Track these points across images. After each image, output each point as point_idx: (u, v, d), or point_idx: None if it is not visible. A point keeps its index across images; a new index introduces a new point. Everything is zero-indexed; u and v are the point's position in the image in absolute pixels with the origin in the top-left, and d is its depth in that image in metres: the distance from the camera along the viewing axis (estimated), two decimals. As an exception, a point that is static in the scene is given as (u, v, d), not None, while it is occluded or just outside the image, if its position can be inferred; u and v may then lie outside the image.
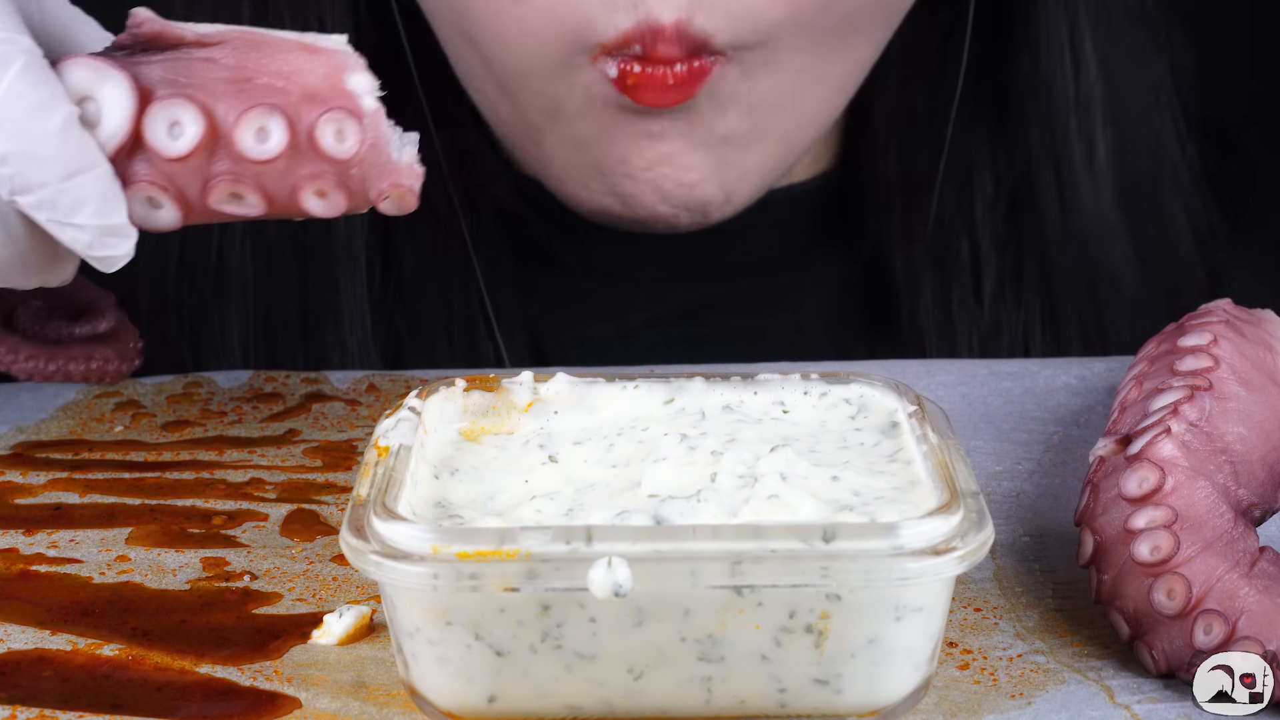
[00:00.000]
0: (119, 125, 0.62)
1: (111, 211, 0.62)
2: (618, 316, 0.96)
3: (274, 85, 0.62)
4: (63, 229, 0.62)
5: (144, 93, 0.62)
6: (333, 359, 0.93)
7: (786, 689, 0.56)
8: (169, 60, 0.63)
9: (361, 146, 0.62)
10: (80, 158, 0.61)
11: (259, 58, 0.63)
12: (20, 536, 0.70)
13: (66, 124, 0.61)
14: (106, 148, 0.62)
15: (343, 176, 0.63)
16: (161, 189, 0.63)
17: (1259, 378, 0.65)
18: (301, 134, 0.62)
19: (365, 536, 0.55)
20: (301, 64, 0.63)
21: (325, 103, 0.62)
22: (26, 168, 0.60)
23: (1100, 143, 0.95)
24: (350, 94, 0.63)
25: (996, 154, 0.95)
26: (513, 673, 0.55)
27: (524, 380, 0.66)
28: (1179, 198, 0.97)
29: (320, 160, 0.63)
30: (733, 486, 0.58)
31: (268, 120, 0.62)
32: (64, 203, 0.61)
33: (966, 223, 0.96)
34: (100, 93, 0.62)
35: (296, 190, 0.63)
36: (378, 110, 0.63)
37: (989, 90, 0.95)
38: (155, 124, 0.62)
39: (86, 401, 0.82)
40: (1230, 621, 0.57)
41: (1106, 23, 0.94)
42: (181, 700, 0.59)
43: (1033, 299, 0.96)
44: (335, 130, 0.62)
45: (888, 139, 0.95)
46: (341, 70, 0.63)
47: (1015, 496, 0.73)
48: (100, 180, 0.61)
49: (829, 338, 0.97)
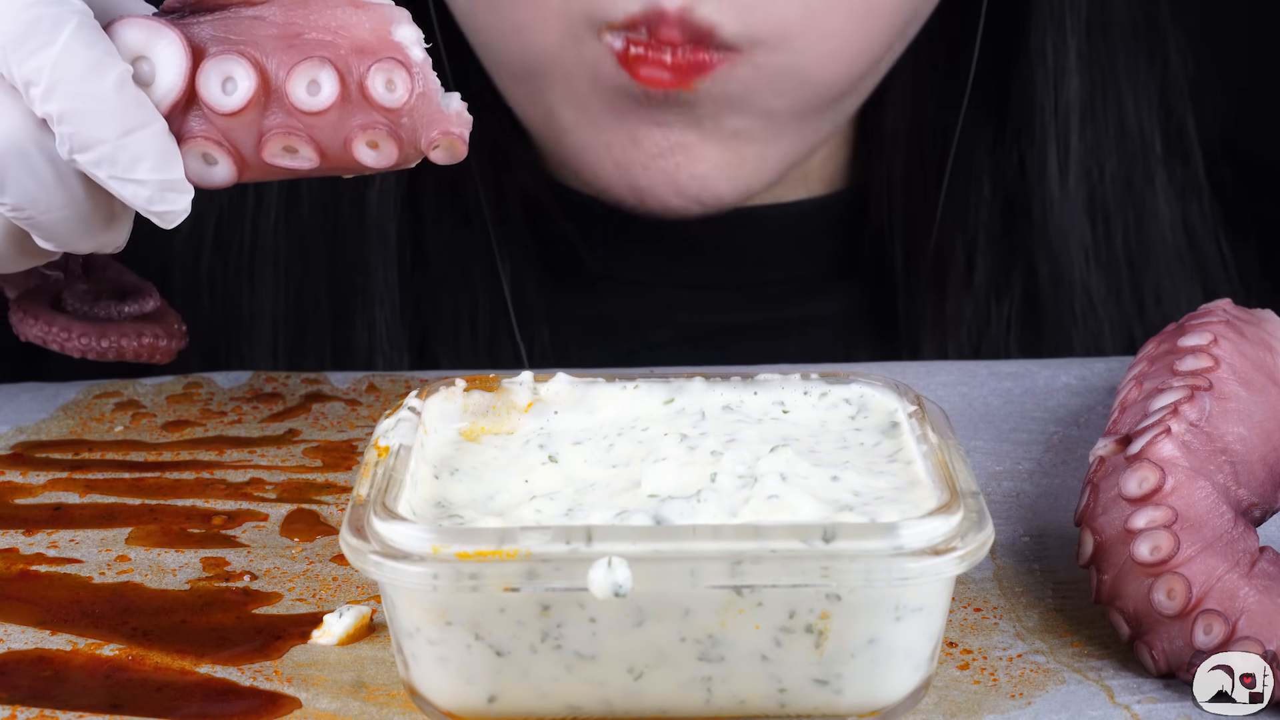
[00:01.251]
0: (173, 82, 0.63)
1: (169, 166, 0.62)
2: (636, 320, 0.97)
3: (323, 39, 0.63)
4: (123, 185, 0.62)
5: (196, 50, 0.63)
6: (360, 342, 0.94)
7: (786, 689, 0.56)
8: (218, 20, 0.64)
9: (411, 95, 0.63)
10: (137, 114, 0.62)
11: (306, 14, 0.64)
12: (20, 536, 0.70)
13: (122, 82, 0.61)
14: (161, 105, 0.63)
15: (394, 126, 0.64)
16: (216, 144, 0.64)
17: (1259, 378, 0.65)
18: (352, 85, 0.63)
19: (365, 536, 0.55)
20: (349, 18, 0.64)
21: (374, 54, 0.63)
22: (84, 126, 0.61)
23: (1098, 152, 0.95)
24: (398, 45, 0.63)
25: (997, 162, 0.96)
26: (513, 673, 0.55)
27: (524, 380, 0.66)
28: (1177, 207, 0.97)
29: (372, 110, 0.63)
30: (733, 486, 0.58)
31: (319, 73, 0.63)
32: (123, 159, 0.62)
33: (968, 230, 0.96)
34: (153, 51, 0.63)
35: (349, 141, 0.64)
36: (426, 60, 0.64)
37: (992, 101, 0.95)
38: (209, 80, 0.63)
39: (86, 401, 0.82)
40: (1230, 621, 0.57)
41: (1103, 34, 0.95)
42: (181, 700, 0.59)
43: (1030, 307, 0.96)
44: (385, 80, 0.63)
45: (894, 148, 0.96)
46: (388, 23, 0.64)
47: (1015, 496, 0.73)
48: (157, 136, 0.62)
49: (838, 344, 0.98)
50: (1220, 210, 0.99)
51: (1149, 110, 0.96)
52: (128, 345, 0.78)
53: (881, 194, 0.97)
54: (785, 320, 0.97)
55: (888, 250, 0.97)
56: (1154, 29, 0.97)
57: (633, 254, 0.96)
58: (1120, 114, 0.95)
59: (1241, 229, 0.99)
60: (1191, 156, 0.97)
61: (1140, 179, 0.96)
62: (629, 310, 0.97)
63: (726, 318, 0.97)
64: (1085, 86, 0.94)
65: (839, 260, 0.99)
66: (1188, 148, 0.97)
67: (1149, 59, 0.96)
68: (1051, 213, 0.94)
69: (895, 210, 0.97)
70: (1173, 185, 0.97)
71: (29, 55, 0.61)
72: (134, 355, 0.79)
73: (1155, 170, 0.96)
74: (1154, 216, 0.96)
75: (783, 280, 0.97)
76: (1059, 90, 0.94)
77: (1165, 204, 0.96)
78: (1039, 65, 0.94)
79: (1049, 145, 0.94)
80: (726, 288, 0.97)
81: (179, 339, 0.79)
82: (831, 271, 0.99)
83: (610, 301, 0.97)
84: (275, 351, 0.95)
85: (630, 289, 0.97)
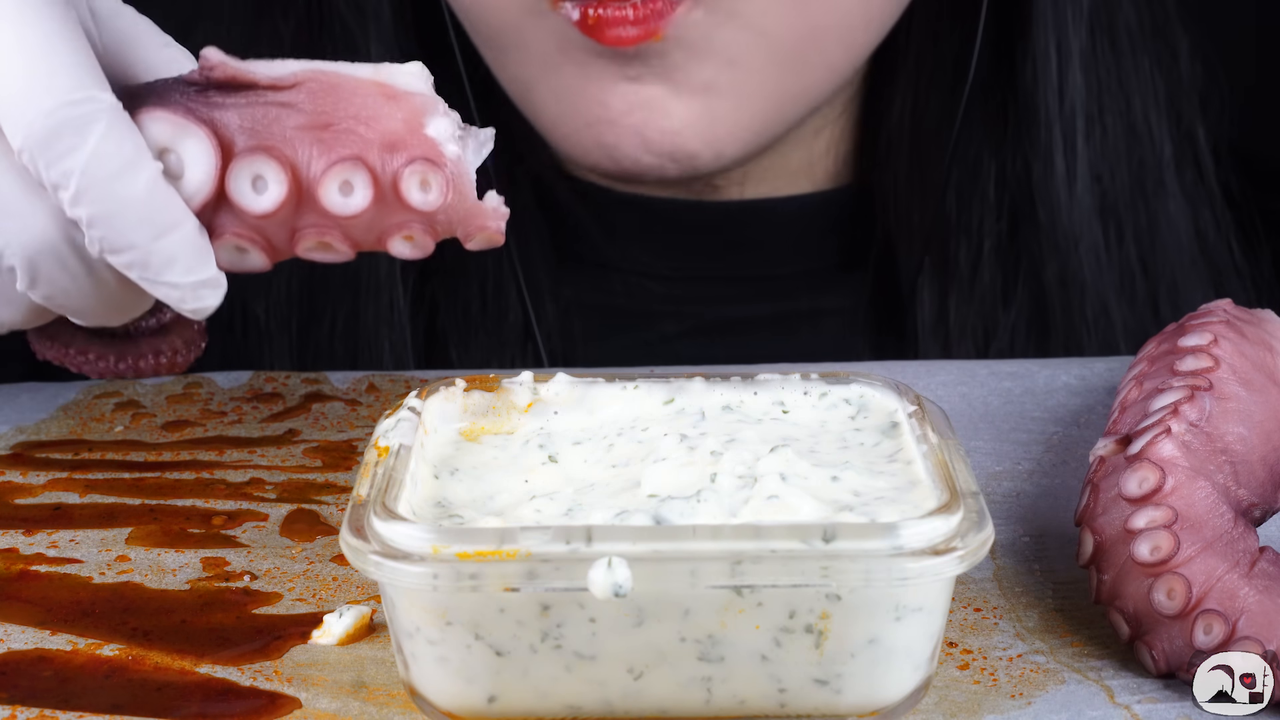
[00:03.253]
0: (202, 182, 0.61)
1: (202, 266, 0.61)
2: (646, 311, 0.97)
3: (353, 131, 0.61)
4: (156, 286, 0.61)
5: (225, 146, 0.61)
6: (370, 332, 0.94)
7: (786, 689, 0.56)
8: (245, 105, 0.62)
9: (446, 196, 0.61)
10: (168, 216, 0.60)
11: (336, 101, 0.62)
12: (20, 536, 0.70)
13: (152, 184, 0.60)
14: (191, 203, 0.61)
15: (429, 224, 0.62)
16: (249, 240, 0.62)
17: (1259, 378, 0.65)
18: (385, 185, 0.61)
19: (365, 536, 0.55)
20: (380, 109, 0.62)
21: (406, 149, 0.61)
22: (115, 231, 0.60)
23: (1107, 155, 0.95)
24: (432, 141, 0.61)
25: (1002, 166, 0.96)
26: (513, 673, 0.55)
27: (524, 380, 0.66)
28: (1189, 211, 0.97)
29: (406, 211, 0.62)
30: (732, 487, 0.58)
31: (351, 175, 0.61)
32: (155, 262, 0.61)
33: (969, 229, 0.96)
34: (181, 147, 0.61)
35: (384, 238, 0.63)
36: (459, 156, 0.62)
37: (995, 99, 0.95)
38: (239, 180, 0.61)
39: (86, 401, 0.82)
40: (1230, 621, 0.57)
41: (1109, 34, 0.95)
42: (181, 700, 0.59)
43: (1032, 306, 0.96)
44: (420, 181, 0.61)
45: (898, 145, 0.96)
46: (420, 114, 0.62)
47: (1015, 496, 0.73)
48: (189, 237, 0.61)
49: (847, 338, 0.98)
50: (1232, 215, 0.99)
51: (1158, 114, 0.96)
52: (145, 365, 0.78)
53: (886, 191, 0.97)
54: (795, 313, 0.98)
55: (892, 247, 0.97)
56: (1162, 32, 0.97)
57: (644, 245, 0.96)
58: (1129, 117, 0.95)
59: (1254, 232, 0.99)
60: (1202, 160, 0.97)
61: (1151, 183, 0.96)
62: (639, 301, 0.97)
63: (736, 310, 0.98)
64: (1091, 89, 0.94)
65: (847, 254, 0.99)
66: (1198, 151, 0.97)
67: (1157, 62, 0.96)
68: (1059, 216, 0.95)
69: (899, 208, 0.97)
70: (1184, 189, 0.97)
71: (57, 159, 0.59)
72: (152, 372, 0.79)
73: (1166, 174, 0.96)
74: (1166, 220, 0.96)
75: (791, 274, 0.98)
76: (1063, 92, 0.94)
77: (1176, 208, 0.97)
78: (1041, 66, 0.94)
79: (1054, 148, 0.94)
80: (735, 280, 0.97)
81: (195, 348, 0.79)
82: (839, 265, 0.99)
83: (621, 293, 0.97)
84: (285, 334, 0.95)
85: (641, 280, 0.97)
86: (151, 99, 0.62)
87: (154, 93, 0.62)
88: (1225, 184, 0.99)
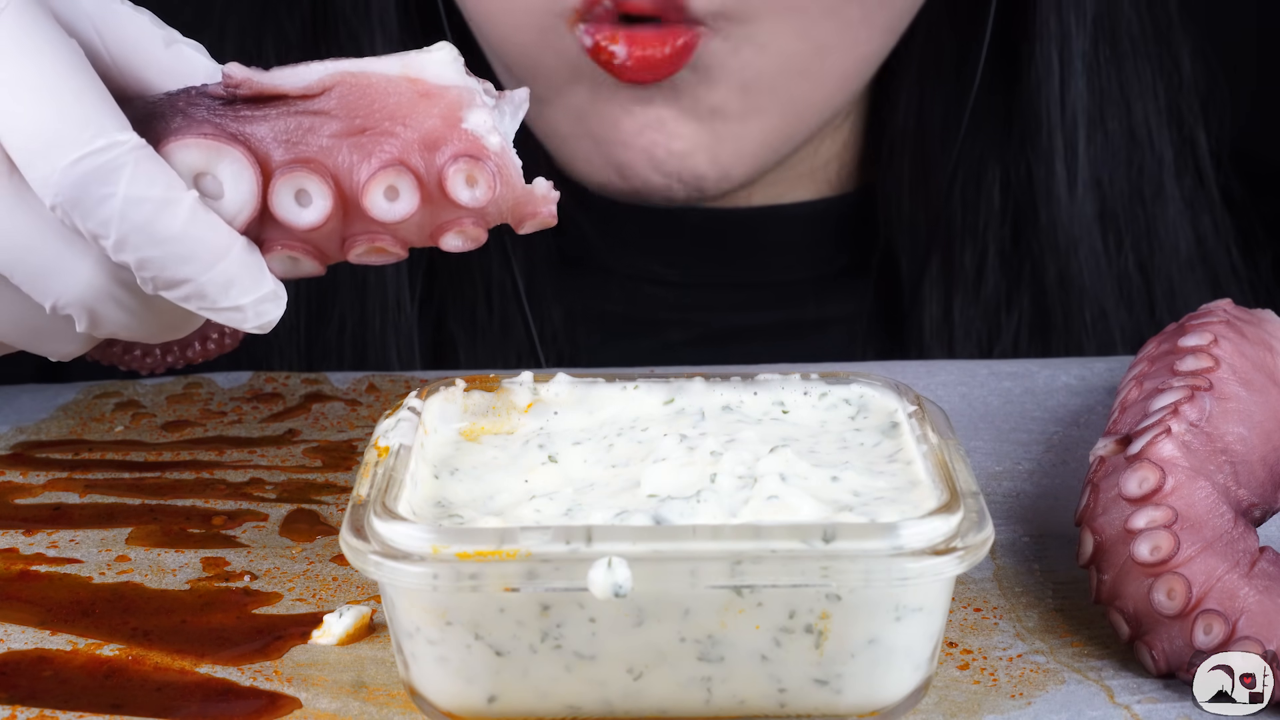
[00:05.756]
0: (245, 202, 0.59)
1: (259, 284, 0.59)
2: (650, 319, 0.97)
3: (391, 133, 0.59)
4: (217, 313, 0.59)
5: (262, 162, 0.59)
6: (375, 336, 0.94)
7: (786, 689, 0.56)
8: (277, 117, 0.60)
9: (494, 190, 0.60)
10: (214, 245, 0.58)
11: (369, 102, 0.60)
12: (20, 536, 0.70)
13: (192, 215, 0.58)
14: (235, 223, 0.59)
15: (480, 218, 0.61)
16: (301, 251, 0.60)
17: (1259, 378, 0.65)
18: (431, 185, 0.60)
19: (365, 536, 0.55)
20: (415, 107, 0.60)
21: (447, 145, 0.60)
22: (165, 270, 0.58)
23: (1108, 160, 0.95)
24: (471, 135, 0.60)
25: (1006, 170, 0.96)
26: (512, 673, 0.55)
27: (524, 381, 0.66)
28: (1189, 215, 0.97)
29: (455, 209, 0.60)
30: (732, 487, 0.58)
31: (397, 180, 0.59)
32: (211, 292, 0.59)
33: (974, 233, 0.96)
34: (217, 169, 0.59)
35: (437, 235, 0.61)
36: (503, 145, 0.60)
37: (998, 104, 0.95)
38: (282, 197, 0.59)
39: (86, 401, 0.82)
40: (1230, 621, 0.57)
41: (1111, 39, 0.95)
42: (181, 700, 0.59)
43: (1033, 310, 0.96)
44: (465, 177, 0.60)
45: (901, 149, 0.96)
46: (457, 108, 0.60)
47: (1015, 496, 0.73)
48: (239, 257, 0.59)
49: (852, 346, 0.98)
50: (1232, 219, 0.99)
51: (1158, 118, 0.96)
52: (193, 354, 0.77)
53: (890, 197, 0.97)
54: (801, 320, 0.98)
55: (897, 254, 0.97)
56: (1163, 37, 0.97)
57: (649, 253, 0.96)
58: (1130, 122, 0.95)
59: (1254, 238, 0.99)
60: (1203, 165, 0.98)
61: (1150, 187, 0.96)
62: (645, 309, 0.97)
63: (741, 318, 0.97)
64: (1094, 94, 0.94)
65: (852, 261, 0.99)
66: (1198, 157, 0.97)
67: (1159, 67, 0.96)
68: (1060, 220, 0.95)
69: (903, 214, 0.97)
70: (1183, 193, 0.97)
71: (91, 210, 0.57)
72: (200, 359, 0.78)
73: (1166, 178, 0.96)
74: (1165, 225, 0.96)
75: (798, 280, 0.98)
76: (1065, 97, 0.94)
77: (1176, 213, 0.97)
78: (1044, 71, 0.94)
79: (1056, 153, 0.94)
80: (741, 287, 0.97)
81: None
82: (845, 272, 0.99)
83: (627, 301, 0.97)
84: (290, 345, 0.95)
85: (647, 288, 0.97)
86: (177, 120, 0.59)
87: (178, 112, 0.60)
88: (1225, 189, 0.99)
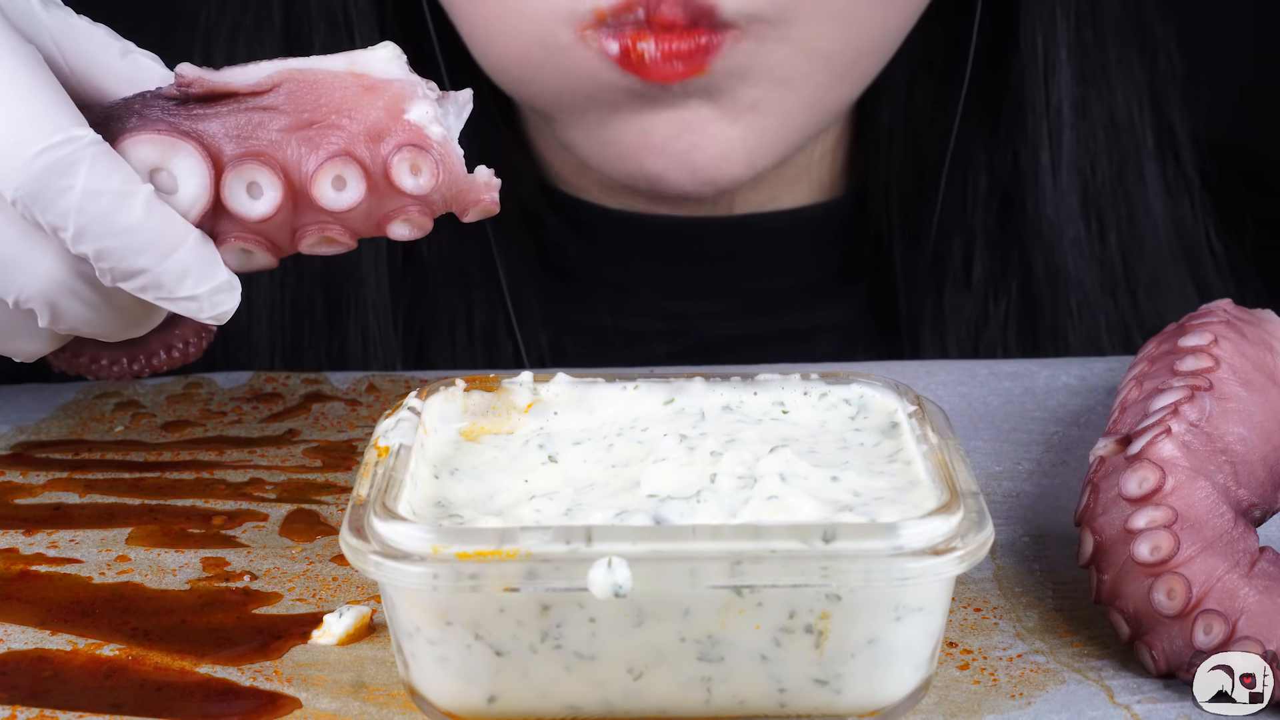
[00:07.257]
0: (197, 195, 0.61)
1: (213, 274, 0.61)
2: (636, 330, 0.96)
3: (337, 125, 0.62)
4: (173, 303, 0.61)
5: (214, 157, 0.62)
6: (355, 349, 0.93)
7: (786, 689, 0.56)
8: (228, 114, 0.62)
9: (437, 178, 0.62)
10: (169, 236, 0.60)
11: (315, 98, 0.62)
12: (20, 536, 0.70)
13: (148, 207, 0.60)
14: (189, 216, 0.61)
15: (425, 205, 0.63)
16: (253, 243, 0.63)
17: (1259, 378, 0.65)
18: (377, 175, 0.62)
19: (365, 536, 0.55)
20: (360, 100, 0.62)
21: (391, 136, 0.62)
22: (122, 260, 0.60)
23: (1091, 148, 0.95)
24: (414, 126, 0.62)
25: (993, 159, 0.96)
26: (512, 673, 0.55)
27: (524, 380, 0.66)
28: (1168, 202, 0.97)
29: (401, 197, 0.62)
30: (732, 487, 0.58)
31: (343, 170, 0.61)
32: (167, 281, 0.61)
33: (962, 223, 0.96)
34: (171, 164, 0.61)
35: (383, 224, 0.63)
36: (445, 135, 0.62)
37: (985, 98, 0.95)
38: (234, 189, 0.62)
39: (86, 401, 0.82)
40: (1230, 621, 0.57)
41: (1094, 25, 0.95)
42: (181, 700, 0.59)
43: (1020, 298, 0.96)
44: (410, 166, 0.62)
45: (889, 144, 0.96)
46: (400, 101, 0.62)
47: (1015, 496, 0.73)
48: (194, 249, 0.61)
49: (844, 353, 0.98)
50: (1211, 205, 0.99)
51: (1139, 105, 0.96)
52: (159, 363, 0.78)
53: (880, 195, 0.97)
54: (793, 329, 0.97)
55: (888, 252, 0.97)
56: (1144, 25, 0.97)
57: (634, 263, 0.96)
58: (1111, 109, 0.95)
59: (1233, 225, 0.99)
60: (1182, 152, 0.98)
61: (1132, 174, 0.96)
62: (633, 321, 0.96)
63: (730, 327, 0.97)
64: (1076, 82, 0.94)
65: (843, 267, 0.99)
66: (1178, 143, 0.97)
67: (1139, 54, 0.96)
68: (1045, 208, 0.95)
69: (894, 211, 0.97)
70: (1164, 180, 0.97)
71: (50, 203, 0.59)
72: (167, 368, 0.79)
73: (1146, 165, 0.96)
74: (1146, 212, 0.96)
75: (787, 289, 0.97)
76: (1049, 86, 0.94)
77: (1157, 199, 0.97)
78: (1030, 61, 0.94)
79: (1041, 142, 0.94)
80: (729, 296, 0.97)
81: (206, 335, 0.79)
82: (836, 278, 0.98)
83: (614, 313, 0.97)
84: (272, 358, 0.95)
85: (634, 300, 0.96)
86: (133, 120, 0.62)
87: (134, 113, 0.62)
88: (1206, 176, 0.98)
